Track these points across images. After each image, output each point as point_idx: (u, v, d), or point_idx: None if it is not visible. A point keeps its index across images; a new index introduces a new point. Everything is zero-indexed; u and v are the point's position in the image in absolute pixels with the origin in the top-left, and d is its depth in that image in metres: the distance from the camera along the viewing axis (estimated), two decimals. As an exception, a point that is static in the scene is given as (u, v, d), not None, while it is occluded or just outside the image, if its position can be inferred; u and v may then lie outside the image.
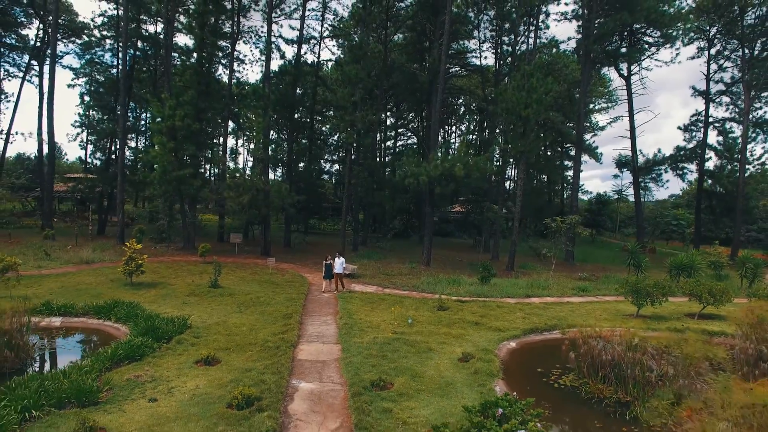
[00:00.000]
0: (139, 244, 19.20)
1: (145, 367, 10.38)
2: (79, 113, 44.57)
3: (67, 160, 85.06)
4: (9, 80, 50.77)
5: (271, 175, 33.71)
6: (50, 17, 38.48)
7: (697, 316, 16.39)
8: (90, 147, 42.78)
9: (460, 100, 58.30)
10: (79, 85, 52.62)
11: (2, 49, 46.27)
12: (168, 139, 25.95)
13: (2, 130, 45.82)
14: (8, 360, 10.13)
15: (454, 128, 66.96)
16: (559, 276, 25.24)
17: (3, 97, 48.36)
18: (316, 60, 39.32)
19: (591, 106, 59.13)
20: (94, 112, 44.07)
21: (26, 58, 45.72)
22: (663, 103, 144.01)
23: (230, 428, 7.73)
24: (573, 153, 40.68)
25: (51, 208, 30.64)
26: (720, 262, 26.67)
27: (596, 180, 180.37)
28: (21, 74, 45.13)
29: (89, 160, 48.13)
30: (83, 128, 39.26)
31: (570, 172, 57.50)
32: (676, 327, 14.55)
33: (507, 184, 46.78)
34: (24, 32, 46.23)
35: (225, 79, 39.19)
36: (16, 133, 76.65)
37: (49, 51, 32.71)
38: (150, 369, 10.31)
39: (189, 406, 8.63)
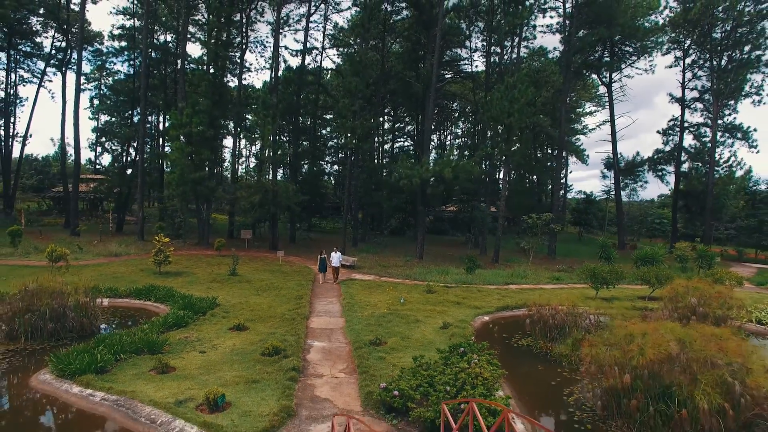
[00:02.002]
0: (167, 238, 21.91)
1: (190, 331, 13.15)
2: (88, 117, 47.42)
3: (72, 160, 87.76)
4: (24, 85, 53.00)
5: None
6: (70, 26, 41.29)
7: (648, 297, 19.20)
8: (98, 149, 45.59)
9: (455, 104, 61.08)
10: (89, 89, 55.19)
11: (18, 56, 48.78)
12: (185, 145, 28.66)
13: (18, 133, 48.32)
14: (84, 325, 12.87)
15: (449, 130, 69.75)
16: (539, 268, 28.08)
17: (17, 101, 50.96)
18: (318, 69, 42.10)
19: (579, 109, 62.10)
20: (104, 116, 46.78)
21: (41, 64, 48.14)
22: (661, 102, 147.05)
23: (265, 367, 10.49)
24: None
25: (77, 207, 33.21)
26: (685, 256, 29.54)
27: (594, 180, 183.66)
28: (34, 79, 47.78)
29: (98, 161, 50.71)
30: (101, 134, 41.81)
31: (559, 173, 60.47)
32: (621, 305, 17.38)
33: (500, 184, 49.59)
34: (38, 40, 48.81)
35: (231, 84, 41.98)
36: (31, 135, 78.94)
37: (75, 66, 35.26)
38: (194, 332, 13.08)
39: (231, 355, 11.40)
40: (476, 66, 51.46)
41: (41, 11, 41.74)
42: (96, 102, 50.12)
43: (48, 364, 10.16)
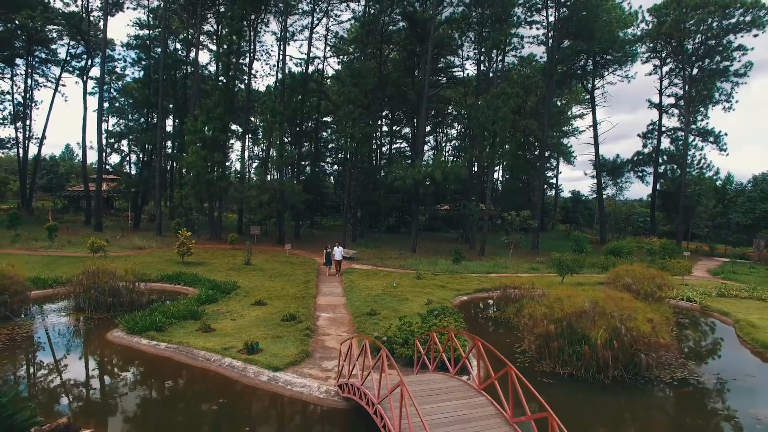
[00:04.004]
0: (189, 232, 24.84)
1: (220, 306, 16.11)
2: (97, 119, 50.27)
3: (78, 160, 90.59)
4: (39, 89, 55.62)
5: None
6: (87, 35, 44.00)
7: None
8: (108, 150, 48.54)
9: (450, 108, 64.02)
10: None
11: (35, 62, 51.55)
12: (200, 149, 31.58)
13: (33, 135, 51.06)
14: (134, 300, 15.84)
15: (444, 133, 72.68)
16: (520, 260, 31.05)
17: (32, 105, 53.75)
18: (320, 76, 45.00)
19: (569, 113, 65.08)
20: (113, 118, 49.64)
21: (55, 69, 50.78)
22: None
23: (285, 329, 13.46)
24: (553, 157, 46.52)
25: (99, 205, 36.05)
26: (653, 249, 32.57)
27: (590, 180, 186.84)
28: (48, 84, 50.63)
29: (107, 162, 53.42)
30: (115, 137, 44.69)
31: (549, 173, 63.70)
32: (578, 287, 20.36)
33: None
34: (53, 46, 51.52)
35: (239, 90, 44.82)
36: (46, 138, 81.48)
37: (91, 72, 38.04)
38: (224, 306, 16.04)
39: (256, 321, 14.37)
40: (468, 72, 54.29)
41: (61, 20, 44.59)
42: (106, 105, 52.98)
43: (116, 326, 13.14)
